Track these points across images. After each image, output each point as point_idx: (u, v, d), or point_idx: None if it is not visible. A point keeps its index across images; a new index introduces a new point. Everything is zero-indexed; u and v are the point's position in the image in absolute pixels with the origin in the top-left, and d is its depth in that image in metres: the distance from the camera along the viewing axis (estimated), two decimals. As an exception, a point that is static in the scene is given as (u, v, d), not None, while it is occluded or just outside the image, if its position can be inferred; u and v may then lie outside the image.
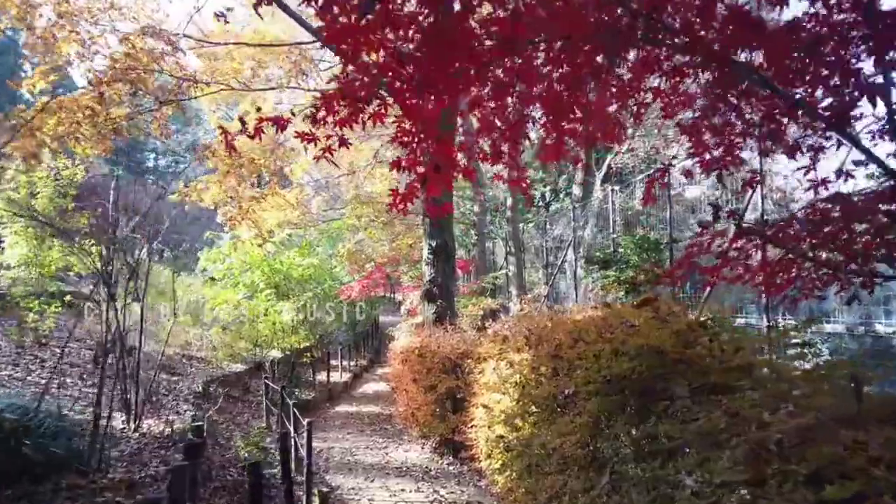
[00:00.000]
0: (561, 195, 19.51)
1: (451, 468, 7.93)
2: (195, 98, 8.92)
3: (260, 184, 12.22)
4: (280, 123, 2.86)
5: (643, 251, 9.20)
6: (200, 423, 6.00)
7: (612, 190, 10.99)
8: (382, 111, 2.89)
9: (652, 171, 11.50)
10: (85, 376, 8.02)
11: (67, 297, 9.41)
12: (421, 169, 3.07)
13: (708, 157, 3.24)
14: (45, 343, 9.06)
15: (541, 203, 20.16)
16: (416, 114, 2.88)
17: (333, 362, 17.10)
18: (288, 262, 13.70)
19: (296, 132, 2.93)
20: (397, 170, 3.02)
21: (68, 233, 7.68)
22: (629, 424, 3.05)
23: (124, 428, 6.03)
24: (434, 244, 10.27)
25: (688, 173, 6.07)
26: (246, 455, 6.29)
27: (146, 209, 8.43)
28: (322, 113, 2.76)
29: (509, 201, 14.69)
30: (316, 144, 2.94)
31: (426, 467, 8.01)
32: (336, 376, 16.06)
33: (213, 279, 12.94)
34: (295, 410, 7.01)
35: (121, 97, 8.12)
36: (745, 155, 3.52)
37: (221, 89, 9.81)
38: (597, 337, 3.63)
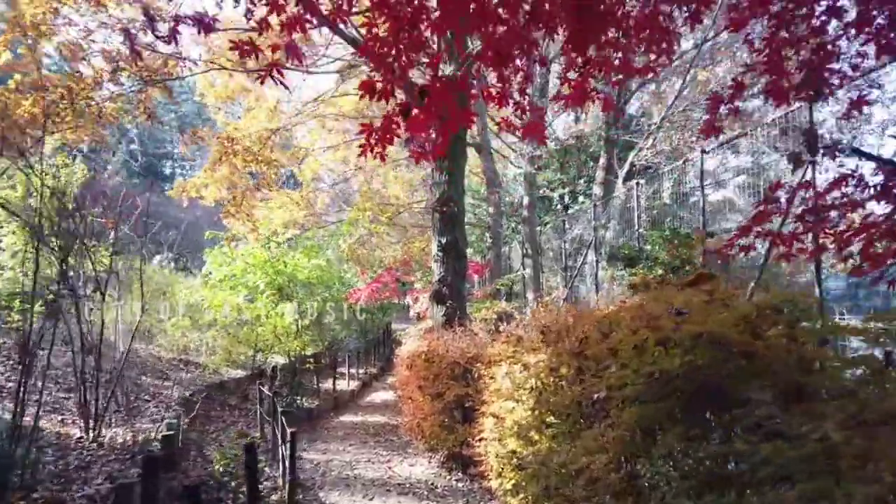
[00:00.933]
0: (580, 198, 18.67)
1: (459, 485, 7.11)
2: (183, 78, 8.32)
3: (258, 184, 11.59)
4: (204, 23, 2.12)
5: (673, 247, 8.36)
6: (172, 432, 5.27)
7: (637, 183, 10.15)
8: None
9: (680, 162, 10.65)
10: (59, 380, 7.36)
11: (50, 297, 8.79)
12: (402, 97, 2.32)
13: (785, 84, 2.43)
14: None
15: (558, 205, 19.33)
16: (391, 10, 2.13)
17: (341, 370, 16.37)
18: (293, 264, 13.01)
19: (231, 42, 2.19)
20: (369, 94, 2.26)
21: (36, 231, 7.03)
22: (684, 440, 2.24)
23: (81, 437, 5.32)
24: (443, 241, 9.51)
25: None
26: (221, 469, 5.57)
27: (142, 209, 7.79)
28: None
29: (525, 200, 13.88)
30: (258, 57, 2.19)
31: (432, 484, 7.21)
32: (343, 384, 15.30)
33: (219, 281, 12.27)
34: (283, 419, 6.26)
35: (101, 76, 7.50)
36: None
37: (212, 69, 9.19)
38: (633, 327, 2.82)
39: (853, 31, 2.28)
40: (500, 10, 2.34)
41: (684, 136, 13.43)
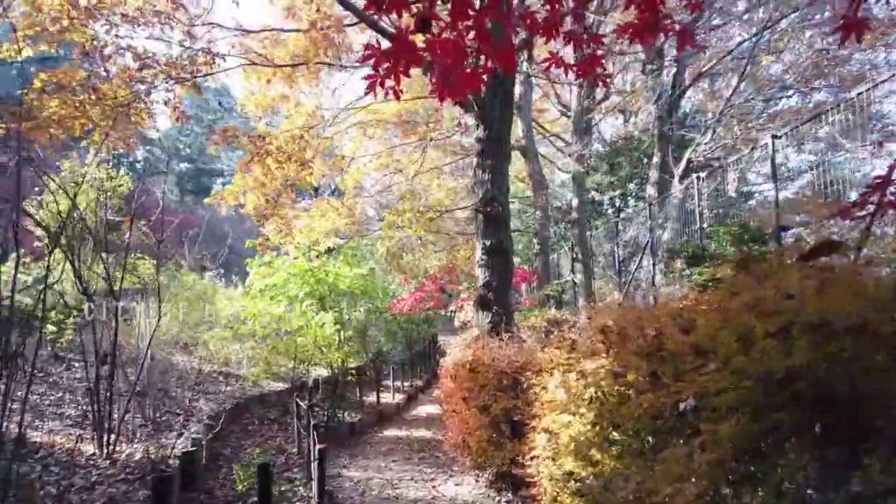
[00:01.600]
0: (631, 200, 17.76)
1: (509, 509, 6.46)
2: (212, 74, 8.04)
3: (292, 184, 11.25)
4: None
5: (742, 243, 7.53)
6: (195, 448, 4.83)
7: (698, 177, 9.33)
8: None
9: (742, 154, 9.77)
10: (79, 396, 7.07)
11: (85, 308, 8.64)
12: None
13: None
14: (62, 356, 8.26)
15: (609, 209, 18.48)
16: None
17: (386, 382, 15.92)
18: (334, 272, 12.65)
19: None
20: (375, 6, 1.72)
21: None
22: (826, 467, 1.58)
23: (93, 454, 4.93)
24: (488, 244, 8.93)
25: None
26: (243, 488, 5.10)
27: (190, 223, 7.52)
28: None
29: (574, 202, 13.14)
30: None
31: (479, 506, 6.58)
32: (388, 397, 14.83)
33: (260, 291, 12.01)
34: (315, 434, 5.76)
35: (129, 75, 7.27)
36: None
37: (242, 65, 8.93)
38: (730, 316, 2.17)
39: None
40: None
41: (746, 128, 12.47)
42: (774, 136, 7.24)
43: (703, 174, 9.36)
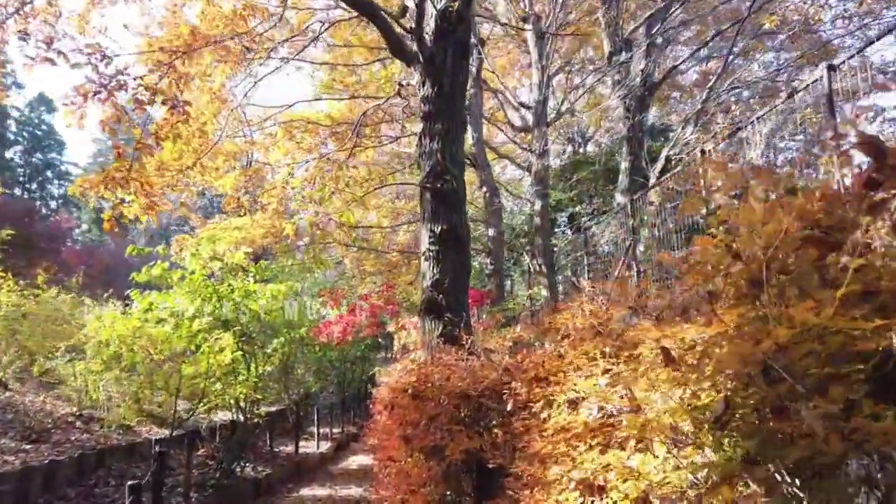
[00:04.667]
0: (585, 215, 15.98)
1: None
2: None
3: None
4: None
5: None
6: None
7: (703, 151, 7.45)
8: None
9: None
10: None
11: None
12: None
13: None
14: None
15: (567, 228, 16.69)
16: None
17: (311, 429, 13.13)
18: (241, 288, 10.01)
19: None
20: None
21: None
22: None
23: None
24: (437, 230, 6.68)
25: None
26: None
27: None
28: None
29: (538, 205, 11.11)
30: None
31: None
32: (311, 446, 12.07)
33: (144, 311, 9.14)
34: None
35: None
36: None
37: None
38: None
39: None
40: None
41: (731, 119, 10.89)
42: (831, 68, 5.40)
43: (714, 145, 7.49)
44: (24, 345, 8.58)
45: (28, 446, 6.90)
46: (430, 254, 6.68)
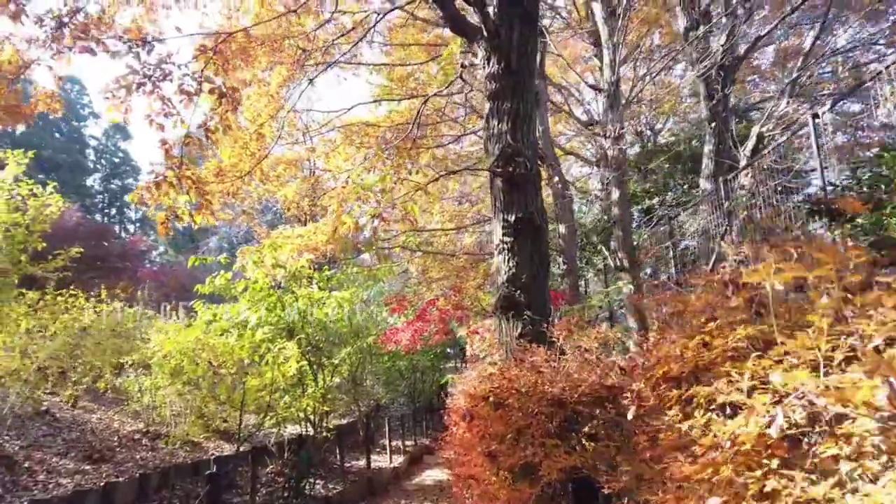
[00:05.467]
0: (673, 201, 14.80)
1: None
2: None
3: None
4: None
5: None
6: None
7: (814, 116, 6.43)
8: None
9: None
10: None
11: None
12: None
13: None
14: None
15: (642, 222, 15.55)
16: None
17: (383, 442, 12.64)
18: (305, 295, 9.63)
19: None
20: None
21: None
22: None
23: None
24: (512, 219, 5.98)
25: None
26: None
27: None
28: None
29: (615, 194, 10.18)
30: None
31: None
32: (384, 460, 11.55)
33: (207, 323, 8.92)
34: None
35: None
36: None
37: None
38: None
39: None
40: None
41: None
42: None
43: (824, 109, 6.47)
44: (88, 360, 8.44)
45: (88, 466, 6.63)
46: (505, 246, 5.98)
